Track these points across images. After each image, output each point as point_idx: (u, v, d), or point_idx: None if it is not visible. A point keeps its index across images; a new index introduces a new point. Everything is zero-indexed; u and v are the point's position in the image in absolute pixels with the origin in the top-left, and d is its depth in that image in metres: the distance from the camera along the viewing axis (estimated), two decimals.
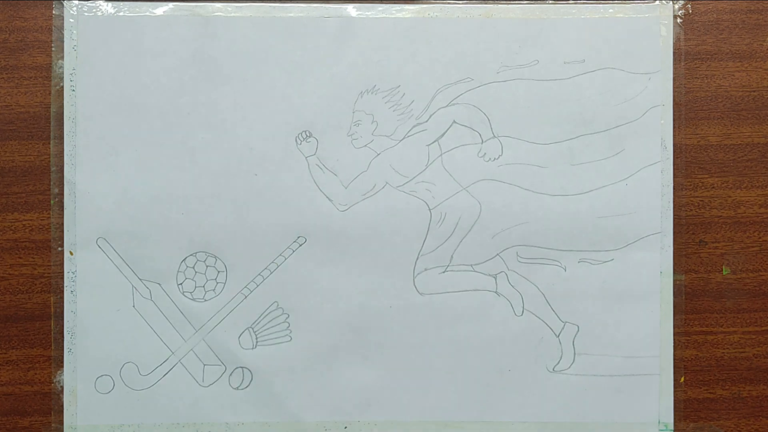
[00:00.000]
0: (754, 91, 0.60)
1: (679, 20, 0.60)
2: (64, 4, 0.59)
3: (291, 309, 0.60)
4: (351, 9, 0.59)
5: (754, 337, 0.61)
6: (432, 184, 0.60)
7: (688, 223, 0.60)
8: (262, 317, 0.60)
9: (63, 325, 0.59)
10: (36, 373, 0.60)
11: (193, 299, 0.60)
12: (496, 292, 0.60)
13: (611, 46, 0.59)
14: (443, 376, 0.60)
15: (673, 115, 0.60)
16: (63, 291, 0.59)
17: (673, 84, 0.60)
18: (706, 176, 0.60)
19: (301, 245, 0.59)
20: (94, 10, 0.59)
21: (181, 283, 0.60)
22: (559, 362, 0.60)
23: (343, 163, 0.60)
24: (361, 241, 0.60)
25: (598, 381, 0.60)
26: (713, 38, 0.60)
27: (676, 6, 0.60)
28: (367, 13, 0.59)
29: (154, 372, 0.59)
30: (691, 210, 0.60)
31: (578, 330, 0.60)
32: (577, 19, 0.60)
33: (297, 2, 0.59)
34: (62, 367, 0.59)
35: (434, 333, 0.60)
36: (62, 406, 0.59)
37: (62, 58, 0.59)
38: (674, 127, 0.60)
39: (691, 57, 0.60)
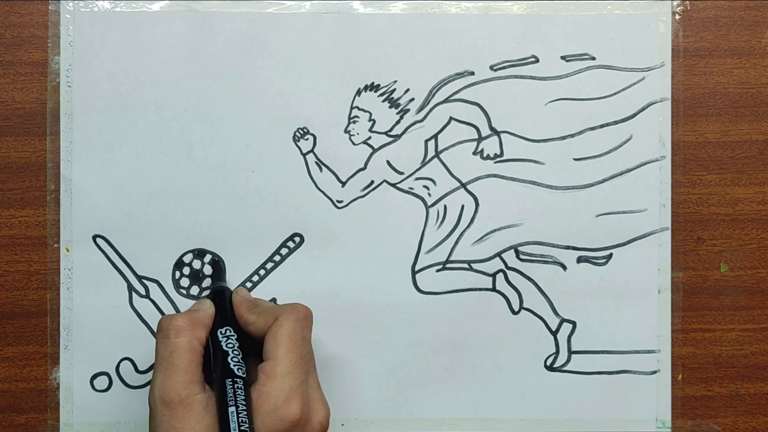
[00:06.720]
0: (752, 88, 0.60)
1: (677, 17, 0.60)
2: (60, 1, 0.59)
3: None
4: (354, 4, 0.59)
5: (751, 334, 0.61)
6: (430, 180, 0.59)
7: (686, 220, 0.60)
8: None
9: (59, 322, 0.59)
10: (32, 370, 0.60)
11: (190, 296, 0.59)
12: (493, 290, 0.60)
13: (610, 42, 0.59)
14: (440, 373, 0.60)
15: (672, 111, 0.60)
16: (59, 288, 0.59)
17: (672, 81, 0.60)
18: (704, 173, 0.60)
19: (298, 242, 0.59)
20: (91, 6, 0.59)
21: (177, 280, 0.59)
22: (555, 359, 0.60)
23: (341, 160, 0.59)
24: (358, 238, 0.59)
25: (596, 378, 0.60)
26: (712, 35, 0.60)
27: (675, 3, 0.60)
28: (364, 9, 0.59)
29: (151, 369, 0.59)
30: (689, 207, 0.60)
31: (575, 327, 0.60)
32: (576, 15, 0.59)
33: None
34: (58, 364, 0.59)
35: (431, 331, 0.60)
36: (58, 403, 0.59)
37: (58, 53, 0.59)
38: (672, 124, 0.60)
39: (689, 54, 0.60)
